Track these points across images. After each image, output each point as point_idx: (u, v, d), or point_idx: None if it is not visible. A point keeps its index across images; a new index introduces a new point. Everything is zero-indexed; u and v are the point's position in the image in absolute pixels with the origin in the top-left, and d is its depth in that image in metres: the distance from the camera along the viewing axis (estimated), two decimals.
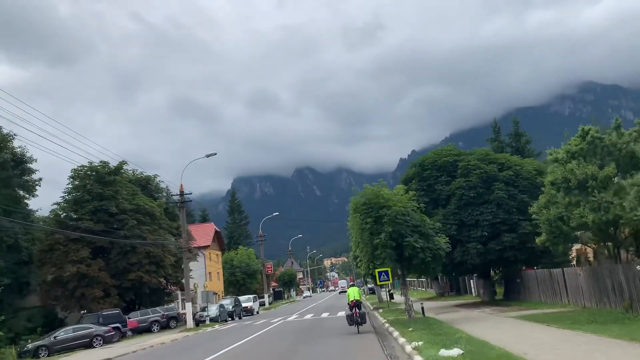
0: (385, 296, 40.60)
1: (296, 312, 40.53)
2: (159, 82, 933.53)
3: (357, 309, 19.85)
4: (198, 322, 35.57)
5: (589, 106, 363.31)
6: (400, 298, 42.93)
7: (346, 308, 21.34)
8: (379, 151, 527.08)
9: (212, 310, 38.14)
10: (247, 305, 46.97)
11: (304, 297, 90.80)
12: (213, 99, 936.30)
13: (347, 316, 20.11)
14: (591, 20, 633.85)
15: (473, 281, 37.02)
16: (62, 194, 37.59)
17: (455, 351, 10.82)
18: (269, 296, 70.18)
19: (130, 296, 37.52)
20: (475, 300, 33.15)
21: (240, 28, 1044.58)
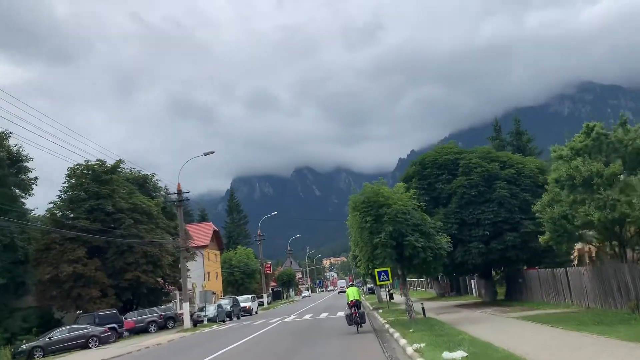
0: (384, 296, 40.23)
1: (295, 312, 40.15)
2: (159, 82, 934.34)
3: (357, 309, 19.91)
4: (196, 323, 35.29)
5: (588, 106, 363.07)
6: (399, 298, 42.56)
7: (345, 308, 21.33)
8: (379, 151, 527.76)
9: (210, 310, 37.73)
10: (246, 305, 46.58)
11: (303, 297, 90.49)
12: (213, 99, 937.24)
13: (347, 316, 20.16)
14: (590, 20, 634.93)
15: (474, 281, 36.62)
16: (59, 193, 37.27)
17: (458, 354, 10.42)
18: (268, 296, 69.82)
19: (127, 296, 37.12)
20: (476, 300, 32.78)
21: (239, 28, 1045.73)
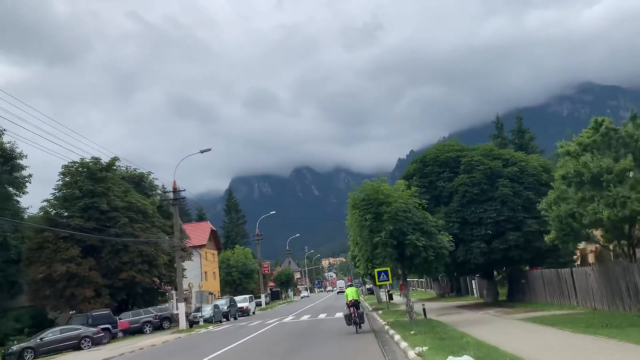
0: (384, 297, 39.65)
1: (293, 313, 39.55)
2: (158, 82, 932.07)
3: (356, 309, 19.80)
4: (192, 323, 34.70)
5: (588, 107, 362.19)
6: (399, 299, 41.99)
7: (344, 308, 21.22)
8: (378, 151, 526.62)
9: (207, 310, 37.14)
10: (243, 305, 45.96)
11: (302, 297, 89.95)
12: (212, 99, 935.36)
13: (346, 316, 20.09)
14: (590, 20, 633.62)
15: (475, 282, 36.03)
16: (53, 191, 36.67)
17: (464, 358, 9.80)
18: (266, 296, 69.18)
19: (122, 296, 36.52)
20: (477, 301, 32.20)
21: (239, 28, 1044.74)
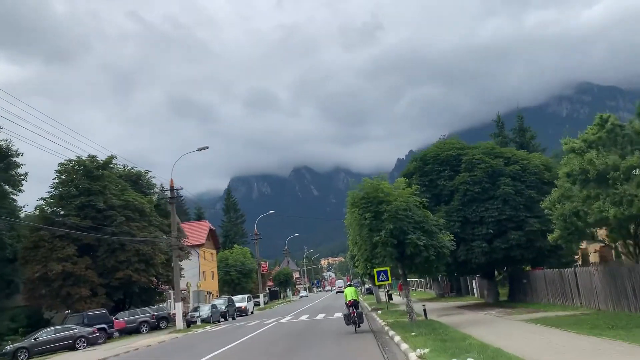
0: (383, 297, 39.27)
1: (291, 313, 39.16)
2: (158, 82, 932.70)
3: (355, 309, 19.72)
4: (189, 323, 34.32)
5: (587, 107, 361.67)
6: (398, 299, 41.61)
7: (344, 308, 21.16)
8: (377, 151, 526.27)
9: (204, 310, 36.70)
10: (241, 305, 45.56)
11: (301, 297, 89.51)
12: (211, 99, 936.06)
13: (345, 316, 20.07)
14: (589, 21, 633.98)
15: (475, 282, 35.65)
16: (49, 189, 36.19)
17: None
18: (265, 296, 68.79)
19: (118, 296, 36.05)
20: (477, 301, 31.82)
21: (239, 27, 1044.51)
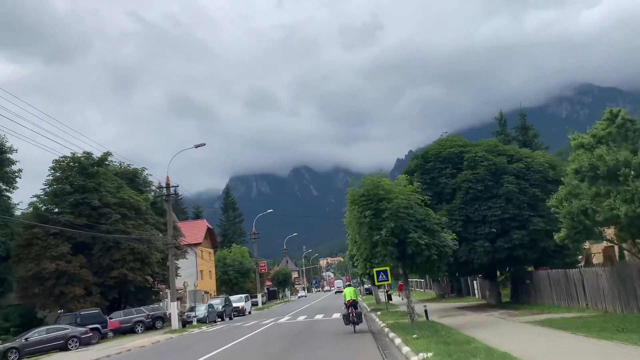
0: (383, 297, 38.68)
1: (289, 313, 38.56)
2: (157, 81, 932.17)
3: (354, 309, 19.64)
4: (185, 323, 33.74)
5: (586, 108, 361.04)
6: (398, 299, 41.03)
7: (342, 308, 21.17)
8: (377, 151, 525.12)
9: (201, 310, 36.09)
10: (239, 305, 44.95)
11: (299, 297, 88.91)
12: (211, 98, 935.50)
13: (344, 316, 20.01)
14: (590, 22, 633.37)
15: (477, 282, 35.04)
16: (43, 186, 35.54)
17: None
18: (263, 296, 68.15)
19: (113, 295, 35.43)
20: (479, 302, 31.22)
21: (239, 27, 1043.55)
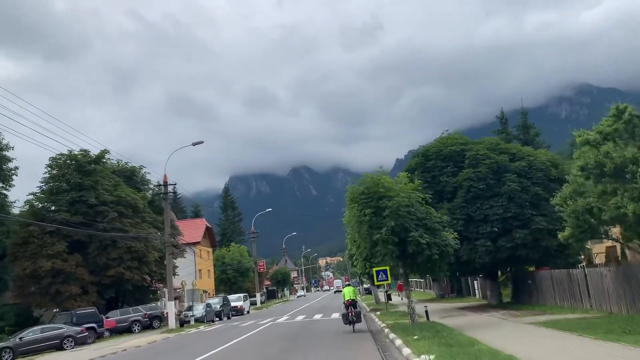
0: (382, 297, 38.32)
1: (288, 313, 38.20)
2: (157, 80, 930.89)
3: (353, 308, 19.63)
4: (182, 323, 33.39)
5: (586, 109, 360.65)
6: (398, 299, 40.68)
7: (342, 307, 21.08)
8: (376, 151, 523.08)
9: (198, 309, 35.72)
10: (237, 304, 44.55)
11: (298, 297, 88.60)
12: (211, 98, 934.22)
13: (343, 315, 20.03)
14: (589, 22, 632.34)
15: (477, 282, 34.70)
16: (39, 184, 35.18)
17: None
18: (262, 295, 67.79)
19: (110, 294, 35.04)
20: (480, 302, 30.87)
21: (239, 26, 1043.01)
